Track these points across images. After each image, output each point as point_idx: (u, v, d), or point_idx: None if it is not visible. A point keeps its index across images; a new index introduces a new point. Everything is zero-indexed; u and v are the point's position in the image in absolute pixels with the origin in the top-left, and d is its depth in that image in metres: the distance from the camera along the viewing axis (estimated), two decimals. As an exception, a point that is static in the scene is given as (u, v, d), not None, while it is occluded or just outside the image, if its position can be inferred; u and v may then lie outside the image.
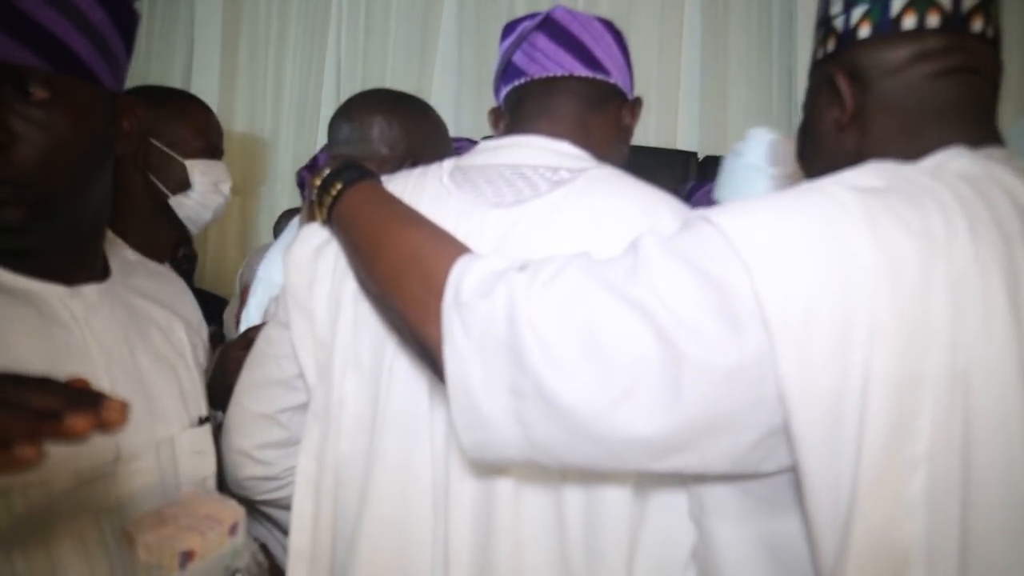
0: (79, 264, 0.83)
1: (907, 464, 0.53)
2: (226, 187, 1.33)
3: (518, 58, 0.90)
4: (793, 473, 0.57)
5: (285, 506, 0.88)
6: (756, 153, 1.29)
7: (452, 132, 2.86)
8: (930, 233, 0.55)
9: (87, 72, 0.76)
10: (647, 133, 3.16)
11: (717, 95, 3.20)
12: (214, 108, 3.61)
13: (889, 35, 0.69)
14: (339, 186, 0.80)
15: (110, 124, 0.82)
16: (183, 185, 1.28)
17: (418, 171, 0.88)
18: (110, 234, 0.94)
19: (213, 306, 2.25)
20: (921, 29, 0.68)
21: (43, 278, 0.79)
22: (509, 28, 0.93)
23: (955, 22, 0.67)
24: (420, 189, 0.84)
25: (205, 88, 3.33)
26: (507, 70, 0.92)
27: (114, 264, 0.90)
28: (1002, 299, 0.54)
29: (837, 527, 0.54)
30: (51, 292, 0.79)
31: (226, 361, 1.17)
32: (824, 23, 0.76)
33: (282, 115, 3.35)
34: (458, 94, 3.28)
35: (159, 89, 1.35)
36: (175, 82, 3.36)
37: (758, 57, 3.17)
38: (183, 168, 1.28)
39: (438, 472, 0.77)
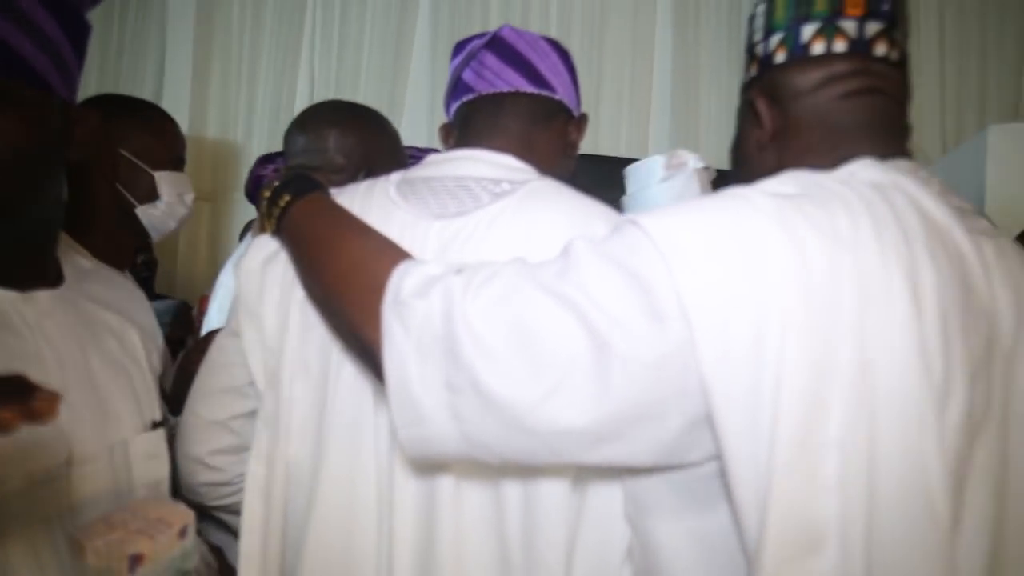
0: (31, 270, 0.84)
1: (820, 448, 0.56)
2: (190, 198, 1.35)
3: (467, 75, 0.93)
4: (720, 464, 0.60)
5: (238, 511, 0.89)
6: (631, 185, 1.42)
7: (425, 142, 2.88)
8: (836, 231, 0.59)
9: (39, 79, 0.78)
10: (619, 144, 3.21)
11: (688, 106, 3.26)
12: (186, 114, 3.61)
13: (801, 60, 0.75)
14: (287, 198, 0.82)
15: (62, 131, 0.83)
16: (151, 196, 1.30)
17: (366, 184, 0.90)
18: (65, 241, 0.94)
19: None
20: (829, 54, 0.74)
21: None
22: (459, 47, 0.96)
23: (860, 47, 0.73)
24: (368, 201, 0.86)
25: (177, 93, 3.33)
26: (456, 87, 0.95)
27: (68, 271, 0.91)
28: (904, 292, 0.58)
29: (760, 509, 0.57)
30: (2, 297, 0.80)
31: (188, 365, 1.18)
32: (749, 50, 0.81)
33: (254, 122, 3.35)
34: (432, 102, 3.31)
35: (128, 99, 1.37)
36: (147, 87, 3.35)
37: (728, 68, 3.23)
38: (151, 179, 1.30)
39: (383, 474, 0.78)
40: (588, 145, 3.25)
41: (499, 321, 0.61)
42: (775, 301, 0.57)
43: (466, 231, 0.81)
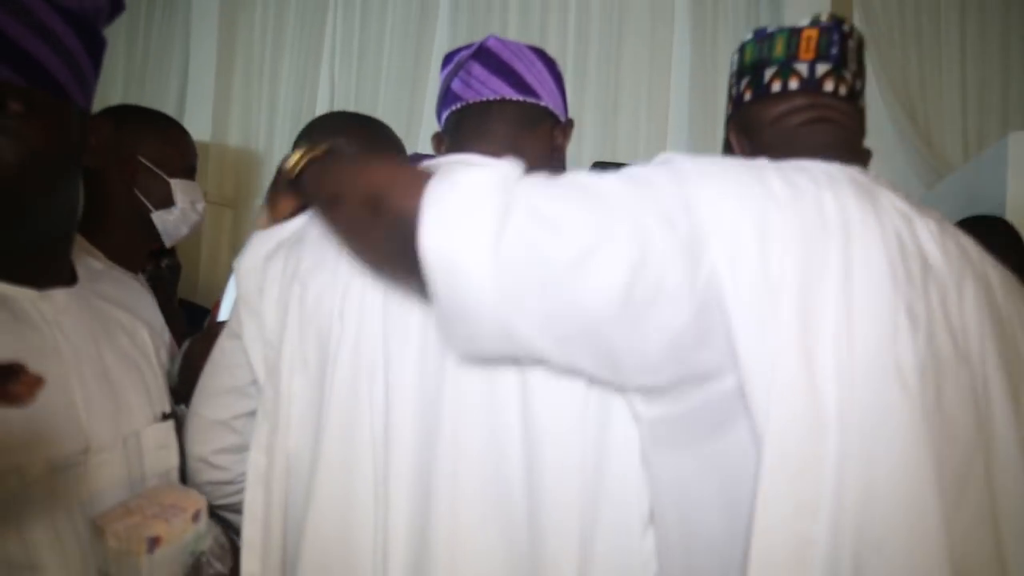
0: (48, 269, 0.89)
1: (819, 341, 0.63)
2: (201, 206, 1.43)
3: (455, 85, 0.97)
4: (736, 390, 0.65)
5: (242, 510, 0.90)
6: None
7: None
8: (816, 178, 0.70)
9: (59, 89, 0.83)
10: (637, 153, 3.21)
11: (707, 116, 3.25)
12: (209, 123, 3.66)
13: (764, 97, 0.90)
14: (323, 147, 0.86)
15: (79, 138, 0.88)
16: (166, 202, 1.37)
17: None
18: (79, 243, 0.98)
19: (202, 318, 2.29)
20: (785, 91, 0.88)
21: (14, 282, 0.84)
22: (448, 59, 1.00)
23: (810, 85, 0.88)
24: None
25: (200, 101, 3.40)
26: (446, 96, 0.99)
27: (81, 271, 0.95)
28: (875, 226, 0.68)
29: (766, 401, 0.63)
30: (22, 295, 0.84)
31: (192, 356, 1.22)
32: (728, 92, 0.96)
33: (276, 129, 3.41)
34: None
35: (145, 110, 1.44)
36: (171, 97, 3.43)
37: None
38: (168, 186, 1.38)
39: (378, 467, 0.80)
40: (606, 155, 3.25)
41: (550, 194, 0.67)
42: (775, 219, 0.65)
43: None
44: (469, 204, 0.65)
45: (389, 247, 0.72)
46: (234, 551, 0.98)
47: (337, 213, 0.79)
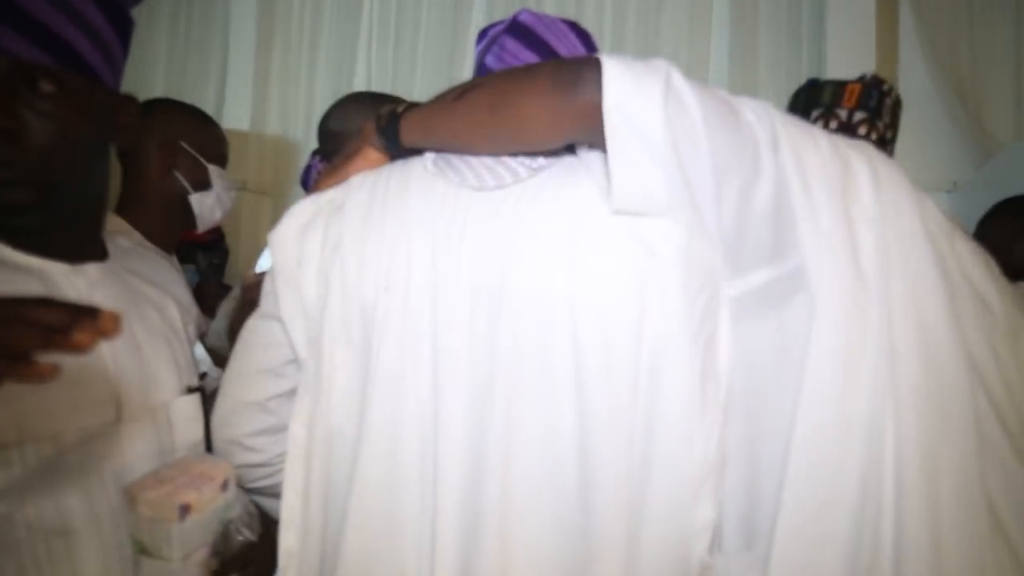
0: (80, 245, 0.91)
1: (859, 225, 0.74)
2: (232, 193, 1.52)
3: (489, 59, 0.96)
4: (798, 267, 0.74)
5: (276, 494, 0.90)
6: None
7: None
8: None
9: (89, 69, 0.84)
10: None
11: (745, 92, 3.18)
12: (247, 111, 3.71)
13: None
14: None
15: (108, 117, 0.90)
16: (203, 185, 1.45)
17: (400, 161, 0.90)
18: (114, 222, 1.00)
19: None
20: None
21: (48, 256, 0.86)
22: (482, 34, 0.99)
23: (847, 128, 1.13)
24: (406, 173, 0.86)
25: (239, 91, 3.45)
26: (480, 71, 0.97)
27: (111, 248, 0.97)
28: (895, 165, 0.80)
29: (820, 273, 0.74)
30: (56, 269, 0.87)
31: (237, 326, 1.24)
32: None
33: (314, 117, 3.43)
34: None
35: (183, 103, 1.56)
36: (210, 85, 3.49)
37: (787, 53, 3.15)
38: (206, 171, 1.46)
39: (427, 444, 0.78)
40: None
41: (704, 89, 0.76)
42: (822, 138, 0.77)
43: (509, 203, 0.80)
44: (642, 65, 0.74)
45: (555, 94, 0.77)
46: (263, 520, 0.99)
47: (476, 91, 0.83)
